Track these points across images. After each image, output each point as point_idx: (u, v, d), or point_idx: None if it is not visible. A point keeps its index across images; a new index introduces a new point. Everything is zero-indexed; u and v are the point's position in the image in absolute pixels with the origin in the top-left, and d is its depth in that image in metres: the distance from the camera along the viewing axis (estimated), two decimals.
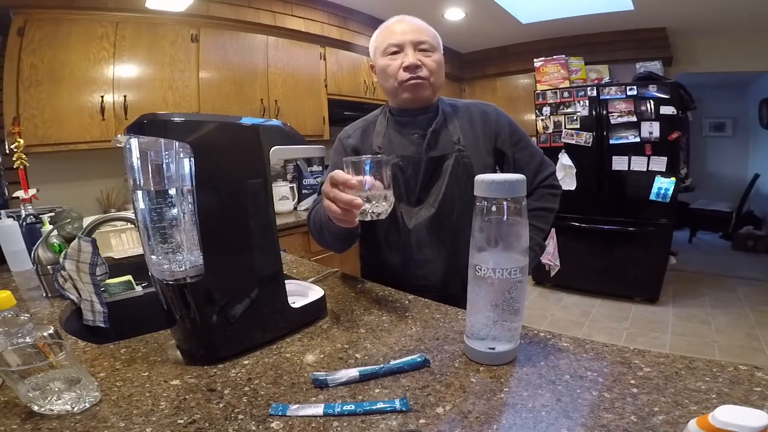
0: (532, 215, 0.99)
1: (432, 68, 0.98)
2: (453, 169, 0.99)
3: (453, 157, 0.99)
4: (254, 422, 0.49)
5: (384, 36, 1.02)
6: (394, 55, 0.98)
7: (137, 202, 0.64)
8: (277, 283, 0.72)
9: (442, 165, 1.00)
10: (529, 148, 1.07)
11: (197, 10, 2.25)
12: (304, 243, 2.47)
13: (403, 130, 1.04)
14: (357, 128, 1.11)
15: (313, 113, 2.95)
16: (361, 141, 1.07)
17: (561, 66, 3.72)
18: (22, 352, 0.55)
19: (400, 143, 1.03)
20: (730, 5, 2.93)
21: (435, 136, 1.01)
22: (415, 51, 0.97)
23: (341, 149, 1.10)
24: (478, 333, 0.60)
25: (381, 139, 1.04)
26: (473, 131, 1.03)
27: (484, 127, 1.03)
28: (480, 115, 1.04)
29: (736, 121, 5.30)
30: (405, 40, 0.97)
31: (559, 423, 0.46)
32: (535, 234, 1.00)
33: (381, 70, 1.02)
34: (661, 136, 3.01)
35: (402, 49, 0.97)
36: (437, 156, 1.00)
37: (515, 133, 1.05)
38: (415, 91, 0.98)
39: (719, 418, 0.35)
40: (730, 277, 3.70)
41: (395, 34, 0.99)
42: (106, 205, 2.19)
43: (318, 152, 0.89)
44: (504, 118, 1.06)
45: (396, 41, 0.98)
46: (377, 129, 1.07)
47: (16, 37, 1.74)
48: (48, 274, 1.00)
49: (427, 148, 1.00)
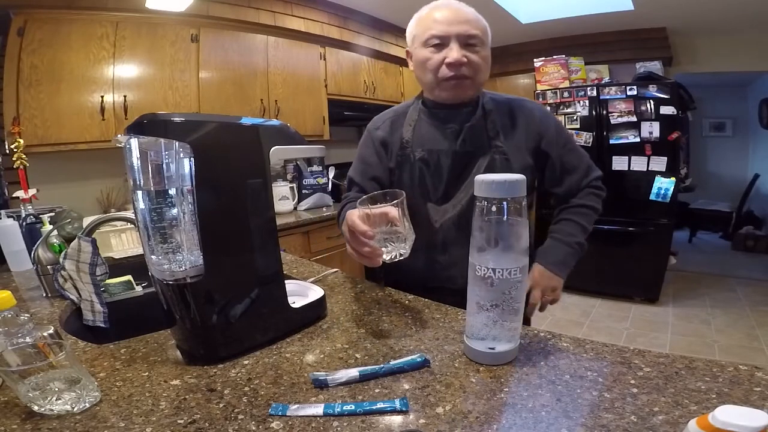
0: (575, 212, 0.99)
1: (478, 66, 0.88)
2: (488, 166, 0.92)
3: (489, 154, 0.92)
4: (254, 422, 0.49)
5: (426, 24, 0.89)
6: (436, 47, 0.87)
7: (137, 202, 0.64)
8: (277, 283, 0.72)
9: (474, 162, 0.93)
10: (577, 151, 1.00)
11: (197, 10, 2.25)
12: (304, 243, 2.47)
13: (436, 123, 0.97)
14: (386, 119, 1.04)
15: (313, 113, 2.94)
16: (390, 133, 1.01)
17: (561, 66, 3.72)
18: (22, 352, 0.55)
19: (430, 136, 0.96)
20: (730, 5, 2.93)
21: (471, 131, 0.93)
22: (461, 46, 0.86)
23: (369, 141, 1.03)
24: (478, 333, 0.60)
25: (410, 131, 0.98)
26: (514, 129, 0.95)
27: (527, 126, 0.95)
28: (523, 113, 0.96)
29: (736, 121, 5.30)
30: (450, 32, 0.85)
31: (559, 423, 0.46)
32: (574, 230, 0.97)
33: (419, 62, 0.91)
34: (661, 136, 3.01)
35: (446, 42, 0.86)
36: (470, 151, 0.93)
37: (562, 135, 0.98)
38: (455, 90, 0.90)
39: (719, 418, 0.35)
40: (730, 277, 3.70)
41: (439, 24, 0.86)
42: (106, 205, 2.19)
43: (318, 152, 0.89)
44: (550, 119, 0.99)
45: (440, 32, 0.86)
46: (407, 120, 1.00)
47: (16, 37, 1.74)
48: (48, 274, 1.00)
49: (462, 144, 0.93)
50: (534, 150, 0.96)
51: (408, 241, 0.68)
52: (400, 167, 0.98)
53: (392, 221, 0.66)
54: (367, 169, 1.02)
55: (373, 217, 0.66)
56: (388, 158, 1.01)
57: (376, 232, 0.65)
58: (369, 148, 1.03)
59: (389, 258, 0.67)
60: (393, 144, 1.00)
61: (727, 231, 4.89)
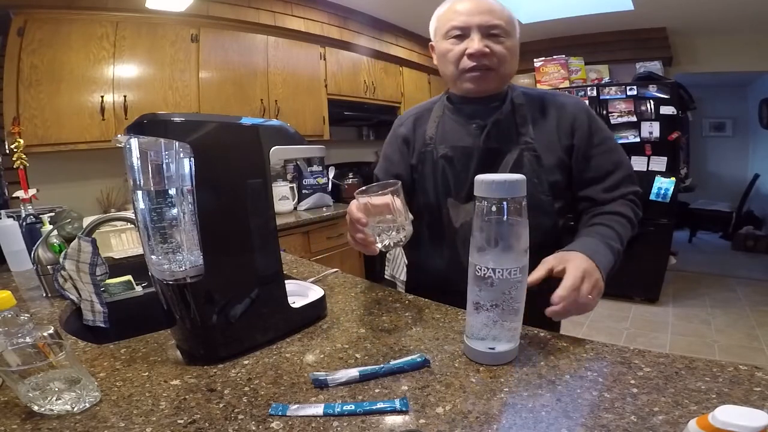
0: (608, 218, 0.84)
1: (502, 56, 0.84)
2: (516, 163, 0.87)
3: (517, 151, 0.87)
4: (254, 422, 0.49)
5: (447, 15, 0.87)
6: (457, 39, 0.85)
7: (137, 202, 0.64)
8: (277, 283, 0.72)
9: (501, 159, 0.88)
10: (614, 155, 0.89)
11: (197, 10, 2.25)
12: (304, 243, 2.47)
13: (461, 119, 0.93)
14: (410, 116, 1.01)
15: (313, 113, 2.95)
16: (413, 129, 0.99)
17: (561, 66, 3.72)
18: (22, 352, 0.55)
19: (454, 133, 0.93)
20: (730, 5, 2.93)
21: (497, 127, 0.89)
22: (483, 36, 0.83)
23: (393, 139, 1.02)
24: (478, 333, 0.60)
25: (434, 128, 0.95)
26: (546, 124, 0.89)
27: (559, 121, 0.89)
28: (556, 107, 0.90)
29: (736, 121, 5.30)
30: (471, 22, 0.83)
31: (559, 423, 0.46)
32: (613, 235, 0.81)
33: (441, 54, 0.89)
34: (661, 136, 3.01)
35: (467, 33, 0.84)
36: (495, 148, 0.89)
37: (598, 133, 0.89)
38: (478, 82, 0.86)
39: (719, 418, 0.35)
40: (730, 277, 3.70)
41: (460, 15, 0.84)
42: (106, 205, 2.19)
43: (318, 152, 0.89)
44: (584, 113, 0.90)
45: (460, 23, 0.84)
46: (432, 116, 0.97)
47: (16, 37, 1.74)
48: (48, 274, 1.00)
49: (486, 140, 0.89)
50: (567, 147, 0.89)
51: (403, 231, 0.70)
52: (422, 164, 0.96)
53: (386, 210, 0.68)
54: (389, 167, 1.01)
55: (370, 207, 0.68)
56: (410, 155, 0.99)
57: (371, 221, 0.68)
58: (392, 145, 1.02)
59: (382, 245, 0.70)
60: (415, 141, 0.98)
61: (727, 231, 4.89)
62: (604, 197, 0.88)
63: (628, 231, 0.85)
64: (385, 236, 0.69)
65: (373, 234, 0.69)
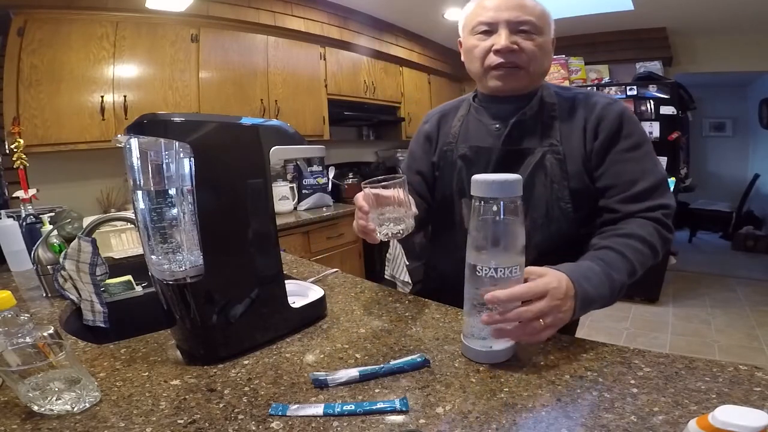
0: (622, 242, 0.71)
1: (532, 53, 0.80)
2: (537, 166, 0.83)
3: (540, 152, 0.83)
4: (254, 422, 0.49)
5: (475, 11, 0.85)
6: (484, 34, 0.82)
7: (137, 202, 0.64)
8: (277, 283, 0.72)
9: (522, 160, 0.84)
10: (645, 163, 0.79)
11: (197, 10, 2.25)
12: (304, 243, 2.47)
13: (485, 118, 0.90)
14: (436, 113, 1.01)
15: (313, 113, 2.94)
16: (437, 127, 0.98)
17: (561, 66, 3.72)
18: (22, 352, 0.55)
19: (476, 132, 0.91)
20: (730, 5, 2.93)
21: (520, 127, 0.85)
22: (512, 32, 0.79)
23: (418, 136, 1.02)
24: (475, 332, 0.60)
25: (458, 127, 0.94)
26: (574, 125, 0.83)
27: (587, 121, 0.82)
28: (586, 107, 0.83)
29: (736, 121, 5.30)
30: (499, 18, 0.79)
31: (559, 423, 0.46)
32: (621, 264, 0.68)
33: (467, 50, 0.87)
34: (661, 136, 3.01)
35: (494, 29, 0.81)
36: (516, 149, 0.85)
37: (628, 137, 0.79)
38: (505, 80, 0.83)
39: (719, 418, 0.35)
40: (730, 277, 3.70)
41: (487, 10, 0.81)
42: (106, 205, 2.18)
43: (318, 152, 0.89)
44: (614, 113, 0.80)
45: (487, 18, 0.81)
46: (458, 114, 0.96)
47: (16, 37, 1.74)
48: (48, 274, 1.00)
49: (507, 140, 0.85)
50: (593, 151, 0.81)
51: (403, 223, 0.73)
52: (443, 163, 0.95)
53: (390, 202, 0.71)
54: (412, 163, 1.02)
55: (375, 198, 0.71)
56: (432, 153, 0.99)
57: (375, 212, 0.71)
58: (417, 142, 1.03)
59: (382, 235, 0.73)
60: (439, 139, 0.97)
61: (727, 231, 4.89)
62: (626, 209, 0.77)
63: (646, 258, 0.72)
64: (386, 227, 0.72)
65: (375, 223, 0.71)
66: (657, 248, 0.73)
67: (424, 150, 1.00)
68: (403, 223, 0.73)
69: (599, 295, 0.64)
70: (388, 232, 0.72)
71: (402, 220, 0.73)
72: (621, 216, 0.77)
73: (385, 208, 0.72)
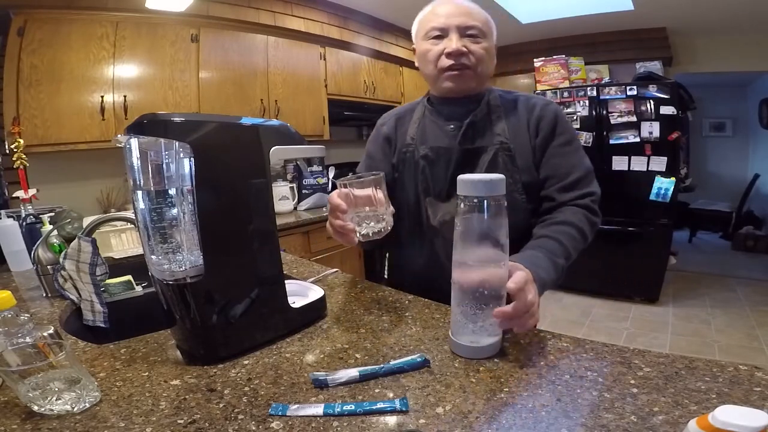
0: (557, 229, 0.82)
1: (479, 56, 0.88)
2: (491, 163, 0.90)
3: (492, 150, 0.90)
4: (254, 422, 0.49)
5: (427, 18, 0.92)
6: (437, 39, 0.89)
7: (137, 202, 0.64)
8: (277, 283, 0.72)
9: (478, 158, 0.91)
10: (575, 156, 0.90)
11: (197, 10, 2.25)
12: (304, 243, 2.47)
13: (440, 120, 0.96)
14: (392, 116, 1.05)
15: (313, 113, 2.95)
16: (395, 129, 1.02)
17: (561, 66, 3.72)
18: (22, 352, 0.55)
19: (434, 134, 0.96)
20: (730, 5, 2.93)
21: (473, 127, 0.92)
22: (461, 36, 0.87)
23: (376, 137, 1.05)
24: (462, 329, 0.61)
25: (415, 129, 0.98)
26: (519, 125, 0.92)
27: (529, 119, 0.92)
28: (527, 107, 0.93)
29: (736, 121, 5.30)
30: (450, 23, 0.87)
31: (559, 423, 0.46)
32: (558, 250, 0.78)
33: (421, 54, 0.93)
34: (661, 136, 3.01)
35: (446, 34, 0.88)
36: (472, 148, 0.91)
37: (563, 134, 0.90)
38: (456, 81, 0.89)
39: (719, 418, 0.35)
40: (730, 277, 3.70)
41: (439, 17, 0.89)
42: (106, 205, 2.19)
43: (318, 152, 0.89)
44: (551, 113, 0.92)
45: (439, 24, 0.88)
46: (414, 117, 1.00)
47: (16, 37, 1.74)
48: (48, 274, 1.00)
49: (462, 140, 0.92)
50: (534, 147, 0.91)
51: (383, 222, 0.71)
52: (402, 164, 0.99)
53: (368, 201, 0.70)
54: (371, 164, 1.04)
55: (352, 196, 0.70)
56: (392, 154, 1.02)
57: (352, 210, 0.69)
58: (375, 143, 1.06)
59: (361, 235, 0.71)
60: (397, 140, 1.01)
61: (727, 231, 4.89)
62: (561, 197, 0.88)
63: (578, 243, 0.83)
64: (365, 226, 0.71)
65: (353, 223, 0.70)
66: (586, 233, 0.85)
67: (384, 152, 1.03)
68: (383, 220, 0.71)
69: (550, 279, 0.73)
70: (368, 231, 0.71)
71: (382, 217, 0.71)
72: (557, 204, 0.88)
73: (364, 207, 0.70)
